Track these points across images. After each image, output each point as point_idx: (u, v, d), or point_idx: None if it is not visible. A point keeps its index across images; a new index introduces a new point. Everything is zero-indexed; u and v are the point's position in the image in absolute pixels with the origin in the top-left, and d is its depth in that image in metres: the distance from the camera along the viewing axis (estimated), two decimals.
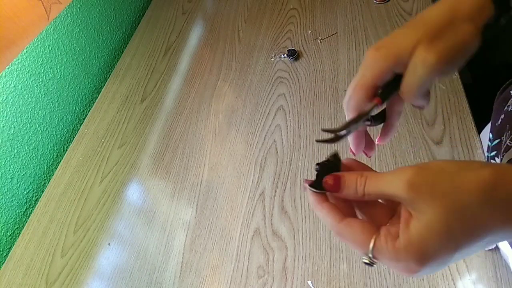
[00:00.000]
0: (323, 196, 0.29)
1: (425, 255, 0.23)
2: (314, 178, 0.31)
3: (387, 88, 0.32)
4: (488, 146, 0.57)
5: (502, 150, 0.52)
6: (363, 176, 0.27)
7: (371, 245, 0.25)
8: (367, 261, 0.26)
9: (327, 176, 0.29)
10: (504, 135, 0.52)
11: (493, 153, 0.55)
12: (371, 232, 0.25)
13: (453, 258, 0.24)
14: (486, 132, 0.64)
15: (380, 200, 0.29)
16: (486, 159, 0.58)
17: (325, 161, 0.31)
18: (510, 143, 0.50)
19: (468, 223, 0.23)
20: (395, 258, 0.24)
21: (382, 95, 0.32)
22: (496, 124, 0.55)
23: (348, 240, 0.27)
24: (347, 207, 0.29)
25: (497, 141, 0.54)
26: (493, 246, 0.53)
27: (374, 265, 0.26)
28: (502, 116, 0.54)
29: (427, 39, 0.29)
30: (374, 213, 0.29)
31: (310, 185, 0.30)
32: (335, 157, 0.32)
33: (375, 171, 0.29)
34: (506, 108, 0.54)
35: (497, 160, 0.53)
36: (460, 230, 0.23)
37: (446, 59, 0.28)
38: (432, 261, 0.23)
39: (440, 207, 0.23)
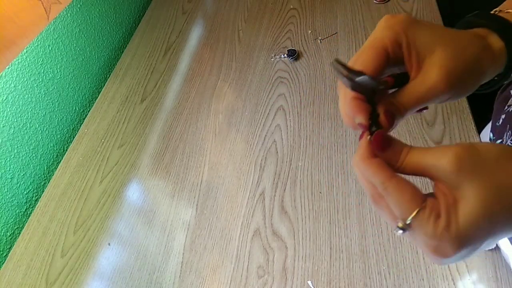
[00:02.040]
0: (372, 152, 0.27)
1: (466, 241, 0.23)
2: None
3: (398, 77, 0.30)
4: None
5: None
6: (408, 146, 0.27)
7: (414, 213, 0.24)
8: (401, 226, 0.25)
9: (376, 133, 0.27)
10: (505, 135, 0.52)
11: None
12: (419, 201, 0.25)
13: (486, 243, 0.24)
14: (487, 132, 0.64)
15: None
16: None
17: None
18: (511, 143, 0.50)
19: (509, 207, 0.23)
20: (433, 235, 0.24)
21: (395, 77, 0.29)
22: (497, 124, 0.55)
23: (393, 200, 0.25)
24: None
25: (498, 141, 0.54)
26: (493, 246, 0.53)
27: (405, 232, 0.25)
28: (503, 116, 0.54)
29: (450, 53, 0.27)
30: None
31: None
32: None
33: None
34: (506, 108, 0.54)
35: None
36: (501, 214, 0.23)
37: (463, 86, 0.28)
38: (469, 247, 0.23)
39: (484, 189, 0.23)
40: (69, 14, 0.90)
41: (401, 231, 0.25)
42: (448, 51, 0.27)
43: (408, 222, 0.25)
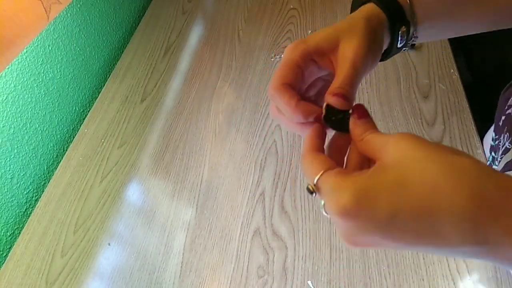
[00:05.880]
0: (316, 146, 0.30)
1: (364, 196, 0.23)
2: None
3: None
4: (491, 146, 0.57)
5: (500, 152, 0.52)
6: (374, 127, 0.29)
7: (319, 174, 0.26)
8: (309, 188, 0.27)
9: (357, 104, 0.31)
10: (502, 137, 0.52)
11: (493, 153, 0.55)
12: (326, 166, 0.26)
13: (392, 238, 0.23)
14: (491, 132, 0.64)
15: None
16: (488, 160, 0.58)
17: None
18: (510, 146, 0.50)
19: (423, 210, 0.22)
20: (335, 188, 0.24)
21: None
22: (499, 124, 0.55)
23: (303, 170, 0.28)
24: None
25: (497, 142, 0.54)
26: None
27: (313, 195, 0.27)
28: (503, 117, 0.54)
29: (353, 39, 0.32)
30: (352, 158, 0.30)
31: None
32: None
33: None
34: (507, 109, 0.54)
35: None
36: (409, 206, 0.22)
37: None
38: (366, 210, 0.23)
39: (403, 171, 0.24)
40: (69, 14, 0.90)
41: (310, 193, 0.27)
42: (349, 38, 0.32)
43: (315, 182, 0.26)
